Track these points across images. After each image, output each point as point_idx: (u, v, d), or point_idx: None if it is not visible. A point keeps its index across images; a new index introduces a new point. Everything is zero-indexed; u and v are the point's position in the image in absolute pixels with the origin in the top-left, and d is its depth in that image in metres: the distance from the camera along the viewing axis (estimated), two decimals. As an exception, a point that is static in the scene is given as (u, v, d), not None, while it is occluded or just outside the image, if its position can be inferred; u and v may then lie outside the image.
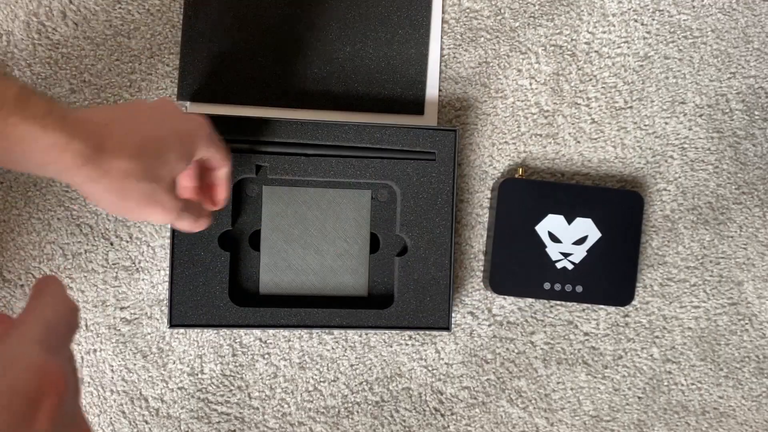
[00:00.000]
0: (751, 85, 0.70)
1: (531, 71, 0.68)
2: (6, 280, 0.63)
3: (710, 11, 0.70)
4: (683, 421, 0.70)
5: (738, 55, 0.70)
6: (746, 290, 0.70)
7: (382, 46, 0.66)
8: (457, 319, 0.67)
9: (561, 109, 0.68)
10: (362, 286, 0.65)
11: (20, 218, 0.63)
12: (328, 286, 0.64)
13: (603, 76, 0.69)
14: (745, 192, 0.70)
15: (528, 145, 0.68)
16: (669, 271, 0.69)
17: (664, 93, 0.69)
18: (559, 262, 0.65)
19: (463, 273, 0.67)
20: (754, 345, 0.70)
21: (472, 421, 0.67)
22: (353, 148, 0.63)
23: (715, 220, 0.70)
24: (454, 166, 0.63)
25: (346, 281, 0.65)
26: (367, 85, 0.65)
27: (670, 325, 0.69)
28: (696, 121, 0.70)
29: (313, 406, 0.66)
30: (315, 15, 0.65)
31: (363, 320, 0.63)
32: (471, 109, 0.67)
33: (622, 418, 0.69)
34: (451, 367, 0.67)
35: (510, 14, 0.68)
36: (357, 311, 0.62)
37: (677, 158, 0.70)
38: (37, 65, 0.63)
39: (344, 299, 0.65)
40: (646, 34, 0.69)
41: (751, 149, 0.70)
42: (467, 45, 0.67)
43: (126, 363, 0.64)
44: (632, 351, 0.69)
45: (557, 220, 0.65)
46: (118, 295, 0.64)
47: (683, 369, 0.69)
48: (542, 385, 0.68)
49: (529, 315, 0.68)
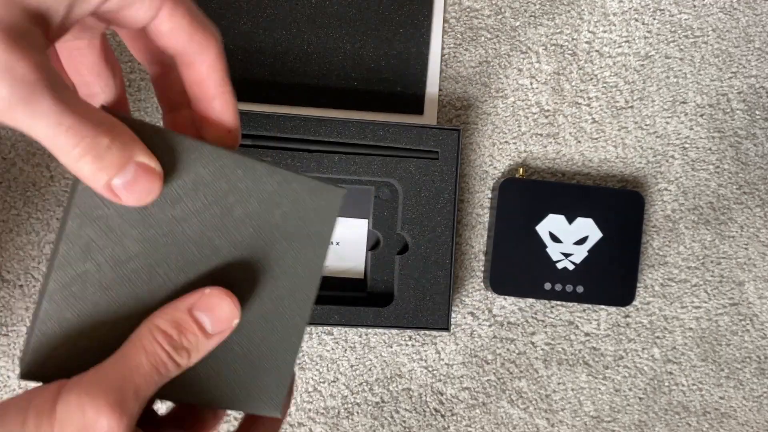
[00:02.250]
0: (753, 84, 0.70)
1: (531, 70, 0.68)
2: (5, 280, 0.63)
3: (711, 10, 0.70)
4: (684, 421, 0.69)
5: (739, 54, 0.70)
6: (747, 290, 0.70)
7: (382, 45, 0.66)
8: (458, 320, 0.67)
9: (562, 109, 0.68)
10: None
11: (19, 218, 0.63)
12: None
13: (604, 75, 0.69)
14: (747, 192, 0.70)
15: (528, 144, 0.68)
16: (670, 272, 0.69)
17: (665, 92, 0.69)
18: (559, 263, 0.65)
19: (464, 273, 0.67)
20: (755, 345, 0.70)
21: (472, 422, 0.67)
22: (356, 146, 0.62)
23: (716, 220, 0.70)
24: (457, 165, 0.63)
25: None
26: (367, 83, 0.65)
27: (671, 325, 0.69)
28: (697, 121, 0.70)
29: (313, 406, 0.65)
30: (316, 13, 0.65)
31: (362, 319, 0.62)
32: (471, 108, 0.67)
33: (623, 419, 0.69)
34: (452, 367, 0.67)
35: (510, 13, 0.68)
36: (356, 309, 0.62)
37: (678, 158, 0.69)
38: (36, 64, 0.63)
39: (343, 298, 0.64)
40: (647, 34, 0.69)
41: (753, 149, 0.70)
42: (468, 44, 0.67)
43: (125, 363, 0.64)
44: (633, 351, 0.69)
45: (558, 220, 0.65)
46: (117, 295, 0.64)
47: (684, 369, 0.69)
48: (543, 385, 0.68)
49: (530, 315, 0.68)
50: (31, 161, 0.63)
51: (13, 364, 0.63)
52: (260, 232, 0.31)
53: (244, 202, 0.31)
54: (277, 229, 0.31)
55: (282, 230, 0.31)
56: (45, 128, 0.24)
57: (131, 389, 0.26)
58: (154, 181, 0.27)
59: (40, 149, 0.64)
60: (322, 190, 0.32)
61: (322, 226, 0.32)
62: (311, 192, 0.31)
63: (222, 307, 0.29)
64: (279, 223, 0.31)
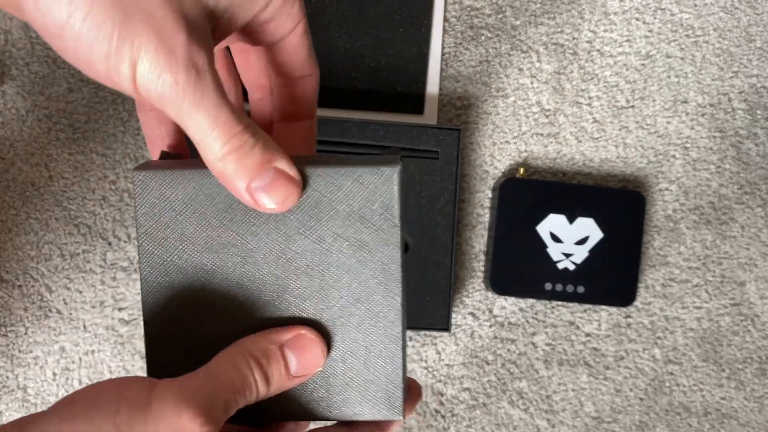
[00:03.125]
0: (754, 84, 0.70)
1: (532, 70, 0.68)
2: (4, 280, 0.63)
3: (712, 10, 0.70)
4: (685, 422, 0.69)
5: (740, 54, 0.70)
6: (748, 291, 0.70)
7: (382, 45, 0.65)
8: (458, 320, 0.67)
9: (562, 108, 0.68)
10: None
11: (18, 218, 0.63)
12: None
13: (605, 75, 0.68)
14: (748, 192, 0.70)
15: (529, 144, 0.68)
16: (671, 272, 0.69)
17: (666, 92, 0.69)
18: (560, 263, 0.65)
19: (464, 273, 0.67)
20: (757, 346, 0.70)
21: (472, 423, 0.67)
22: (356, 145, 0.62)
23: (718, 220, 0.70)
24: (457, 165, 0.63)
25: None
26: (367, 83, 0.65)
27: (672, 325, 0.69)
28: (698, 121, 0.69)
29: (313, 407, 0.65)
30: (316, 13, 0.65)
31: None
32: (472, 108, 0.67)
33: (624, 420, 0.68)
34: (452, 368, 0.67)
35: (511, 12, 0.68)
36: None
37: (679, 158, 0.69)
38: (35, 64, 0.63)
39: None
40: (648, 33, 0.69)
41: (754, 149, 0.70)
42: (468, 43, 0.67)
43: (124, 364, 0.64)
44: (634, 352, 0.68)
45: (559, 220, 0.65)
46: (116, 295, 0.64)
47: (685, 370, 0.69)
48: (543, 386, 0.68)
49: (530, 316, 0.67)
50: (30, 161, 0.63)
51: (12, 364, 0.63)
52: (328, 241, 0.31)
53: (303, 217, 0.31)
54: (344, 231, 0.31)
55: (348, 231, 0.31)
56: (203, 119, 0.25)
57: (221, 403, 0.28)
58: (292, 188, 0.28)
59: (39, 149, 0.64)
60: (368, 175, 0.30)
61: (384, 214, 0.30)
62: (358, 181, 0.30)
63: (312, 352, 0.30)
64: (342, 226, 0.31)
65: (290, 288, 0.31)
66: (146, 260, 0.31)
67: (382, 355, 0.32)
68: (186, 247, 0.31)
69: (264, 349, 0.30)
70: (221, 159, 0.26)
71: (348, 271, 0.31)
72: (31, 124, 0.64)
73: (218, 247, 0.31)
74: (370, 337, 0.31)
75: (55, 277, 0.63)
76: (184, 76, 0.24)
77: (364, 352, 0.31)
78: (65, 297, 0.63)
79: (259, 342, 0.30)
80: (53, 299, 0.63)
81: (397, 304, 0.31)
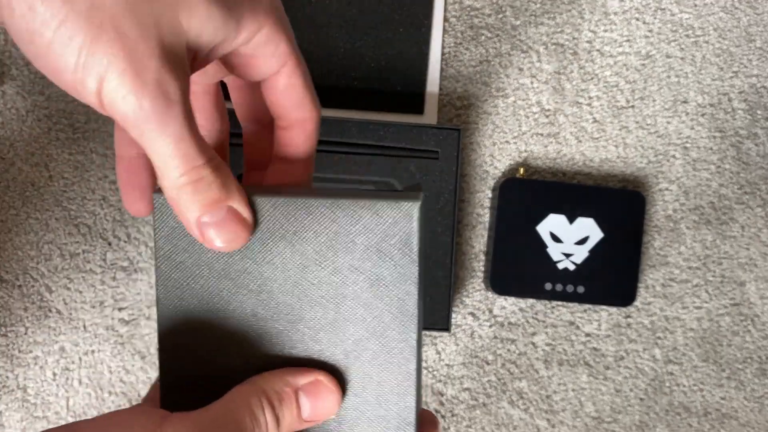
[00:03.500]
0: (754, 84, 0.70)
1: (532, 70, 0.68)
2: (4, 280, 0.62)
3: (712, 10, 0.70)
4: (685, 422, 0.69)
5: (740, 54, 0.70)
6: (749, 291, 0.70)
7: (382, 45, 0.65)
8: (458, 320, 0.67)
9: (562, 108, 0.68)
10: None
11: (18, 218, 0.63)
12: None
13: (605, 74, 0.68)
14: (748, 192, 0.70)
15: (529, 144, 0.68)
16: (671, 272, 0.69)
17: (666, 92, 0.69)
18: (560, 263, 0.65)
19: (464, 273, 0.67)
20: (757, 346, 0.70)
21: (473, 423, 0.67)
22: (356, 145, 0.62)
23: (718, 220, 0.70)
24: (457, 165, 0.63)
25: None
26: (367, 83, 0.65)
27: (672, 325, 0.69)
28: (698, 121, 0.69)
29: (313, 407, 0.65)
30: (316, 13, 0.65)
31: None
32: (471, 108, 0.67)
33: (624, 420, 0.68)
34: (452, 368, 0.67)
35: (511, 12, 0.68)
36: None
37: (679, 158, 0.69)
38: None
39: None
40: (648, 33, 0.69)
41: (754, 149, 0.70)
42: (468, 43, 0.67)
43: (124, 364, 0.64)
44: (634, 352, 0.68)
45: (559, 220, 0.65)
46: (116, 295, 0.63)
47: (685, 370, 0.69)
48: (543, 386, 0.68)
49: (531, 316, 0.67)
50: (30, 161, 0.63)
51: (12, 365, 0.63)
52: (344, 273, 0.31)
53: (319, 247, 0.30)
54: (362, 264, 0.30)
55: (365, 264, 0.30)
56: (164, 147, 0.25)
57: None
58: (240, 230, 0.28)
59: (39, 149, 0.64)
60: (389, 209, 0.30)
61: (403, 249, 0.30)
62: (377, 214, 0.30)
63: (327, 400, 0.30)
64: (360, 259, 0.30)
65: (305, 319, 0.31)
66: (163, 283, 0.31)
67: (395, 391, 0.31)
68: (202, 273, 0.30)
69: (279, 391, 0.29)
70: (177, 188, 0.26)
71: (363, 304, 0.31)
72: (31, 124, 0.64)
73: (234, 275, 0.30)
74: (384, 373, 0.31)
75: (55, 277, 0.63)
76: (149, 102, 0.24)
77: (376, 387, 0.31)
78: (65, 297, 0.63)
79: (275, 382, 0.30)
80: (53, 299, 0.63)
81: (412, 341, 0.31)
